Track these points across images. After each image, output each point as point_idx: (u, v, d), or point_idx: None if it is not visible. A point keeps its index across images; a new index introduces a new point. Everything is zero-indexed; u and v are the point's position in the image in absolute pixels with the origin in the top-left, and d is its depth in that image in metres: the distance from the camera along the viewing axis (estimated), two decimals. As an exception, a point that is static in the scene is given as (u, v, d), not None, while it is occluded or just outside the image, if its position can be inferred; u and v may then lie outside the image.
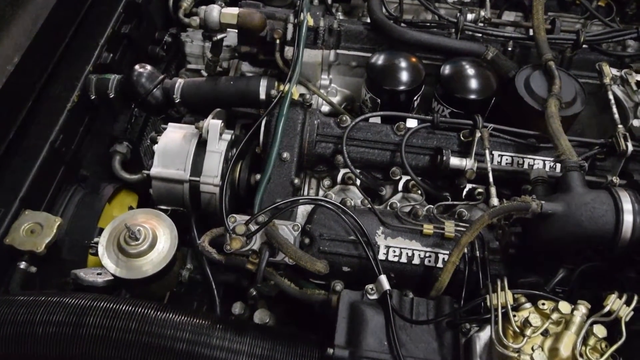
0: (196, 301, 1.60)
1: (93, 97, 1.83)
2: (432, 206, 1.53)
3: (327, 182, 1.69)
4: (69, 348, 1.19)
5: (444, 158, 1.52)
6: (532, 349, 1.01)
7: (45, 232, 1.46)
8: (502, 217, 1.30)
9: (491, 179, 1.44)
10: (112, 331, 1.20)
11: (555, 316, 1.04)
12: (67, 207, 1.76)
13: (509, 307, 1.06)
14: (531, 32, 1.86)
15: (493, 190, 1.40)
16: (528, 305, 1.11)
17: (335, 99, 1.93)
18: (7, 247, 1.43)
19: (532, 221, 1.25)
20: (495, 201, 1.36)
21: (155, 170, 1.59)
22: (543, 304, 1.07)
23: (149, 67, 1.85)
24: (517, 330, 1.03)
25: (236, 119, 2.05)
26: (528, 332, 1.02)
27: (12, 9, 1.34)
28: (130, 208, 1.68)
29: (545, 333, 1.04)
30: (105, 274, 1.54)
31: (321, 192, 1.70)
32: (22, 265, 1.43)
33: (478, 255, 1.36)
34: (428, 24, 1.89)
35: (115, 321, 1.21)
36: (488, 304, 1.10)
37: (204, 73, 2.04)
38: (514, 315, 1.05)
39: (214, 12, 1.78)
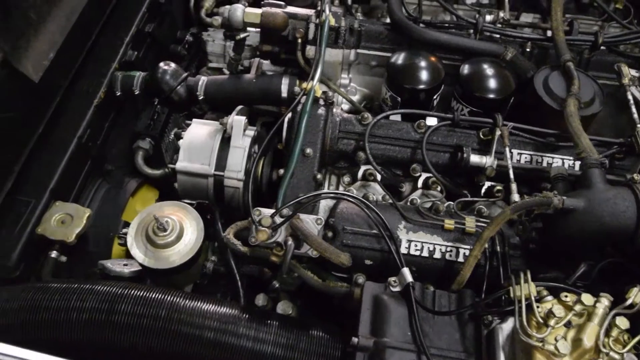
0: (219, 293, 1.63)
1: (118, 94, 1.88)
2: (451, 203, 1.56)
3: (346, 178, 1.72)
4: (101, 334, 1.23)
5: (465, 155, 1.54)
6: (556, 339, 1.03)
7: (75, 223, 1.50)
8: (523, 213, 1.32)
9: (512, 176, 1.46)
10: (142, 318, 1.24)
11: (578, 308, 1.06)
12: (93, 200, 1.81)
13: (533, 298, 1.09)
14: (549, 34, 1.89)
15: (514, 186, 1.43)
16: (550, 297, 1.14)
17: (355, 98, 1.96)
18: (39, 236, 1.47)
19: (553, 217, 1.27)
20: (516, 197, 1.39)
21: (181, 164, 1.63)
22: (566, 296, 1.09)
23: (173, 65, 1.89)
24: (541, 320, 1.06)
25: (256, 117, 2.10)
26: (552, 322, 1.04)
27: (48, 6, 1.39)
28: (156, 201, 1.72)
29: (568, 325, 1.06)
30: (131, 265, 1.58)
31: (341, 188, 1.73)
32: (54, 254, 1.47)
33: (499, 250, 1.39)
34: (446, 25, 1.92)
35: (146, 308, 1.25)
36: (512, 295, 1.12)
37: (226, 71, 2.08)
38: (537, 307, 1.08)
39: (238, 11, 1.82)
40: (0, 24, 1.19)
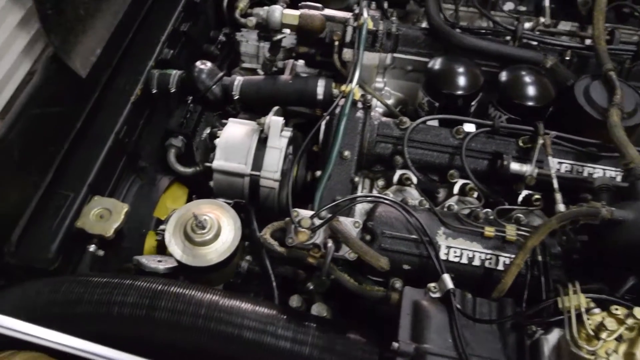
0: (252, 293, 1.62)
1: (154, 91, 1.89)
2: (489, 210, 1.54)
3: (380, 182, 1.71)
4: (141, 329, 1.23)
5: (505, 163, 1.53)
6: (607, 353, 1.01)
7: (113, 218, 1.51)
8: (568, 223, 1.30)
9: (556, 185, 1.44)
10: (182, 315, 1.24)
11: (630, 322, 1.04)
12: (127, 196, 1.82)
13: (583, 310, 1.07)
14: (587, 42, 1.87)
15: (559, 196, 1.40)
16: (598, 310, 1.11)
17: (389, 102, 1.95)
18: (78, 230, 1.48)
19: (600, 228, 1.25)
20: (561, 207, 1.36)
21: (217, 163, 1.63)
22: (616, 309, 1.07)
23: (209, 64, 1.90)
24: (592, 333, 1.04)
25: (289, 118, 2.10)
26: (603, 335, 1.02)
27: (96, 3, 1.40)
28: (194, 198, 1.72)
29: (619, 338, 1.04)
30: (165, 262, 1.59)
31: (374, 192, 1.72)
32: (92, 248, 1.49)
33: (540, 259, 1.37)
34: (483, 31, 1.91)
35: (186, 306, 1.25)
36: (560, 306, 1.10)
37: (260, 72, 2.08)
38: (588, 319, 1.06)
39: (277, 12, 1.83)
40: (52, 19, 1.20)
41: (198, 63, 1.89)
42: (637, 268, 1.23)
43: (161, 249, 1.69)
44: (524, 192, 1.62)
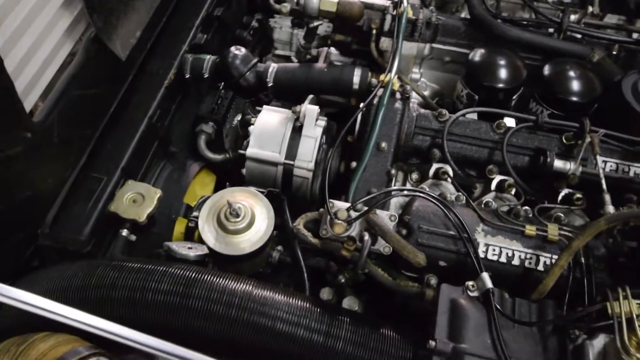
0: (282, 283, 1.61)
1: (188, 76, 1.87)
2: (528, 208, 1.49)
3: (415, 175, 1.67)
4: (175, 317, 1.22)
5: (548, 160, 1.48)
6: (659, 362, 0.97)
7: (146, 203, 1.50)
8: (617, 225, 1.25)
9: (604, 186, 1.38)
10: (216, 304, 1.22)
11: (684, 330, 1.00)
12: (157, 180, 1.82)
13: (634, 316, 1.03)
14: (635, 36, 1.79)
15: (607, 197, 1.35)
16: (649, 316, 1.07)
17: (425, 94, 1.90)
18: (111, 214, 1.48)
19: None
20: (610, 208, 1.31)
21: (252, 150, 1.61)
22: (671, 318, 1.03)
23: (244, 50, 1.87)
24: (643, 340, 1.00)
25: (321, 107, 2.06)
26: (656, 343, 0.98)
27: (136, -16, 1.38)
28: (226, 185, 1.71)
29: (671, 347, 1.00)
30: (195, 249, 1.58)
31: (408, 185, 1.68)
32: (124, 232, 1.48)
33: (583, 261, 1.32)
34: (526, 22, 1.84)
35: (220, 295, 1.23)
36: (610, 311, 1.06)
37: (294, 59, 2.05)
38: (639, 326, 1.02)
39: (314, -1, 1.79)
40: (96, 1, 1.19)
41: (232, 48, 1.86)
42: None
43: (190, 235, 1.68)
44: (565, 191, 1.57)
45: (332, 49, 2.05)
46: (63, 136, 1.26)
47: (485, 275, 1.25)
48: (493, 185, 1.61)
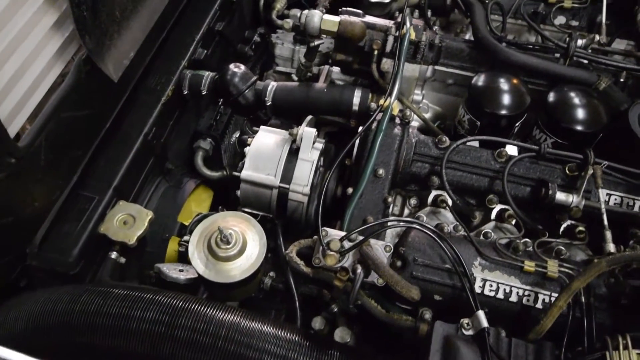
0: (274, 309, 1.57)
1: (186, 92, 1.84)
2: (529, 240, 1.45)
3: (413, 201, 1.63)
4: (160, 347, 1.19)
5: (550, 192, 1.44)
6: (659, 418, 0.92)
7: (137, 225, 1.47)
8: (619, 266, 1.21)
9: (606, 222, 1.34)
10: (202, 335, 1.19)
11: (686, 385, 0.95)
12: (152, 199, 1.79)
13: (634, 368, 0.98)
14: (644, 63, 1.75)
15: (609, 234, 1.31)
16: (650, 367, 1.02)
17: (426, 116, 1.87)
18: (100, 235, 1.45)
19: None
20: (611, 247, 1.27)
21: (246, 173, 1.58)
22: (672, 370, 0.98)
23: (243, 67, 1.85)
24: (643, 395, 0.95)
25: (321, 126, 2.03)
26: (656, 398, 0.93)
27: (132, 5, 1.35)
28: (221, 209, 1.68)
29: (672, 402, 0.95)
30: (187, 272, 1.54)
31: (406, 211, 1.65)
32: (114, 255, 1.45)
33: (583, 300, 1.27)
34: (532, 46, 1.80)
35: (207, 325, 1.20)
36: (608, 360, 1.02)
37: (294, 77, 2.02)
38: (638, 378, 0.97)
39: (316, 17, 1.76)
40: (88, 21, 1.16)
41: (231, 66, 1.84)
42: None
43: (182, 258, 1.65)
44: (567, 222, 1.52)
45: (334, 68, 2.01)
46: (51, 159, 1.24)
47: (481, 314, 1.21)
48: (493, 215, 1.57)
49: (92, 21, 1.17)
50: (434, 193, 1.57)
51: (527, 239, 1.46)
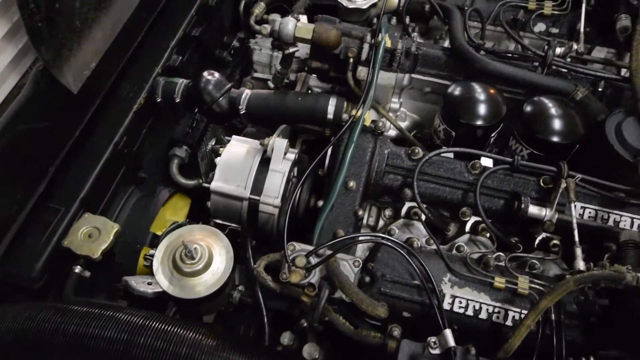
0: (243, 325, 1.54)
1: (159, 100, 1.81)
2: (502, 254, 1.42)
3: (388, 212, 1.61)
4: (119, 366, 1.16)
5: (523, 205, 1.41)
6: None
7: (102, 238, 1.44)
8: (588, 285, 1.18)
9: (577, 238, 1.31)
10: (162, 354, 1.16)
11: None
12: (123, 208, 1.75)
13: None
14: (624, 72, 1.72)
15: (579, 251, 1.28)
16: (614, 390, 1.00)
17: (403, 124, 1.84)
18: (64, 249, 1.42)
19: (624, 294, 1.13)
20: (581, 265, 1.24)
21: (216, 184, 1.55)
22: (635, 395, 0.96)
23: (217, 75, 1.81)
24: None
25: (298, 134, 2.00)
26: None
27: (95, 13, 1.32)
28: (189, 222, 1.64)
29: None
30: (155, 285, 1.51)
31: (381, 222, 1.62)
32: (77, 269, 1.42)
33: (553, 318, 1.25)
34: (510, 55, 1.77)
35: (166, 344, 1.17)
36: (571, 385, 0.99)
37: (271, 84, 1.99)
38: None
39: (290, 25, 1.72)
40: (44, 32, 1.13)
41: (205, 73, 1.80)
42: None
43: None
44: (542, 235, 1.50)
45: (311, 75, 1.98)
46: (8, 171, 1.20)
47: (448, 332, 1.19)
48: (467, 228, 1.54)
49: (48, 32, 1.13)
50: (407, 205, 1.55)
51: (500, 253, 1.44)
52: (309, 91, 2.01)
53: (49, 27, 1.13)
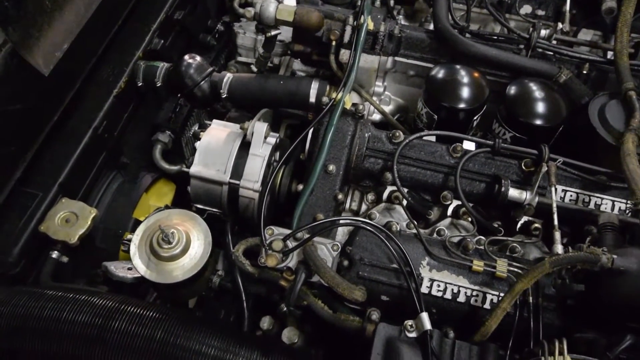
0: (224, 309, 1.54)
1: (140, 84, 1.79)
2: (483, 238, 1.42)
3: (371, 196, 1.60)
4: (93, 350, 1.15)
5: (503, 189, 1.40)
6: None
7: (80, 223, 1.43)
8: (563, 267, 1.18)
9: (556, 222, 1.31)
10: (136, 339, 1.15)
11: (619, 391, 0.93)
12: (105, 194, 1.74)
13: (567, 374, 0.96)
14: (610, 55, 1.70)
15: (557, 235, 1.27)
16: (587, 371, 1.00)
17: (388, 108, 1.82)
18: (41, 234, 1.40)
19: (600, 276, 1.12)
20: (559, 248, 1.23)
21: (195, 169, 1.53)
22: (606, 376, 0.96)
23: (198, 58, 1.79)
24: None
25: (282, 119, 1.98)
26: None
27: (66, -7, 1.29)
28: (166, 207, 1.63)
29: (606, 408, 0.92)
30: (135, 271, 1.50)
31: (364, 207, 1.61)
32: (55, 254, 1.41)
33: (531, 301, 1.24)
34: (496, 37, 1.75)
35: (140, 329, 1.16)
36: (543, 366, 0.99)
37: (254, 68, 1.96)
38: (572, 384, 0.94)
39: (271, 7, 1.69)
40: (12, 12, 1.10)
41: (186, 57, 1.78)
42: (635, 325, 1.10)
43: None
44: (524, 219, 1.49)
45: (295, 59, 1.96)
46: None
47: (424, 316, 1.18)
48: (449, 211, 1.53)
49: (16, 12, 1.11)
50: (388, 189, 1.54)
51: (481, 237, 1.43)
52: (294, 75, 1.98)
53: (16, 7, 1.11)
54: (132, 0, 1.87)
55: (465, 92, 1.55)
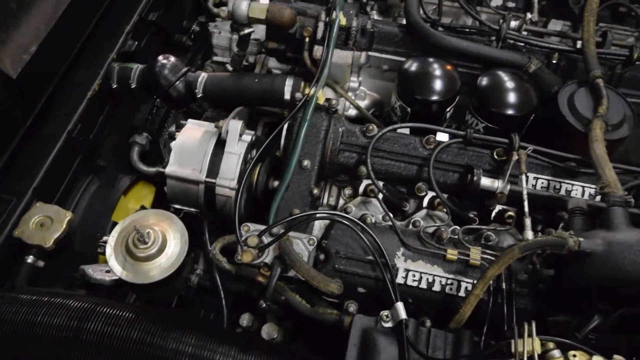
0: (204, 308, 1.54)
1: (114, 86, 1.78)
2: (457, 227, 1.44)
3: (348, 191, 1.61)
4: (69, 353, 1.15)
5: (475, 178, 1.42)
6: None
7: (55, 227, 1.42)
8: (533, 252, 1.20)
9: (527, 208, 1.33)
10: (112, 339, 1.15)
11: (588, 370, 0.95)
12: (82, 198, 1.73)
13: (536, 356, 0.97)
14: (579, 44, 1.73)
15: (528, 222, 1.29)
16: (557, 353, 1.02)
17: (363, 103, 1.84)
18: (16, 239, 1.40)
19: (568, 259, 1.14)
20: (529, 234, 1.26)
21: (171, 169, 1.53)
22: (574, 356, 0.98)
23: (172, 59, 1.79)
24: (545, 382, 0.94)
25: (259, 117, 1.99)
26: (557, 385, 0.93)
27: (32, -5, 1.29)
28: (142, 208, 1.63)
29: (575, 388, 0.94)
30: (113, 273, 1.50)
31: (341, 202, 1.62)
32: (30, 259, 1.40)
33: (504, 287, 1.26)
34: (467, 30, 1.77)
35: (116, 329, 1.16)
36: (512, 349, 1.01)
37: (230, 67, 1.96)
38: (541, 365, 0.96)
39: (243, 5, 1.70)
40: (-25, 15, 1.10)
41: (160, 57, 1.78)
42: (603, 306, 1.12)
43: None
44: (498, 207, 1.51)
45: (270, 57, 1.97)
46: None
47: (400, 305, 1.20)
48: (425, 203, 1.55)
49: (-19, 15, 1.10)
50: (364, 183, 1.55)
51: (456, 227, 1.45)
52: (269, 73, 1.99)
53: (-19, 10, 1.10)
54: (105, 1, 1.86)
55: (437, 84, 1.57)
